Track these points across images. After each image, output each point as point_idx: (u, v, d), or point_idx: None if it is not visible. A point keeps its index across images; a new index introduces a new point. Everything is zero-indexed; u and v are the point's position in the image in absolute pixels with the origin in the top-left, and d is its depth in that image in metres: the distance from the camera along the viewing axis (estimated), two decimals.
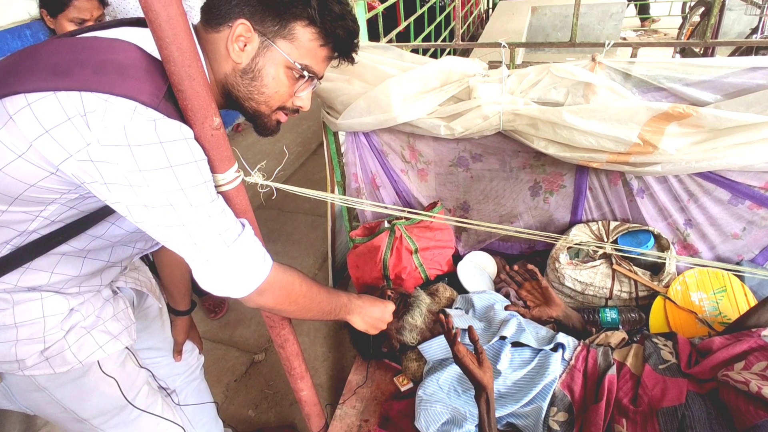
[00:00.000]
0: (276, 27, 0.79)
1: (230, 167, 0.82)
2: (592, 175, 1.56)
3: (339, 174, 1.93)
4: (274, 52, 0.80)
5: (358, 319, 1.17)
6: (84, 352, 0.89)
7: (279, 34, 0.80)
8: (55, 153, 0.64)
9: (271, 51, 0.80)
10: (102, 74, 0.65)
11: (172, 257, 1.17)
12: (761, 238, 1.49)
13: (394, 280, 1.70)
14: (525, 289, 1.43)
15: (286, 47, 0.81)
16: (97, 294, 0.95)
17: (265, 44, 0.80)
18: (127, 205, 0.68)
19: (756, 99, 1.21)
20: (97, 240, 0.84)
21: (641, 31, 6.09)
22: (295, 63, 0.82)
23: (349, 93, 1.54)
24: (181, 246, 0.73)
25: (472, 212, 1.84)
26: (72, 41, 0.70)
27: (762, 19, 2.77)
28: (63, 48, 0.68)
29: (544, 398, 1.20)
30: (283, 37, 0.80)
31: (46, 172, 0.67)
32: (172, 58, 0.68)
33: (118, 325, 0.97)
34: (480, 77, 1.42)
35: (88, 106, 0.63)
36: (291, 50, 0.81)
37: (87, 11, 1.51)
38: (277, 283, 0.86)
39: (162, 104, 0.67)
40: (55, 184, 0.69)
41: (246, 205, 0.87)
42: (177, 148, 0.67)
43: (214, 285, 0.78)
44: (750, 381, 1.01)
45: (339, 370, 1.93)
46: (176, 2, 0.66)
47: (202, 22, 0.81)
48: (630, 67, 1.31)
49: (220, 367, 2.01)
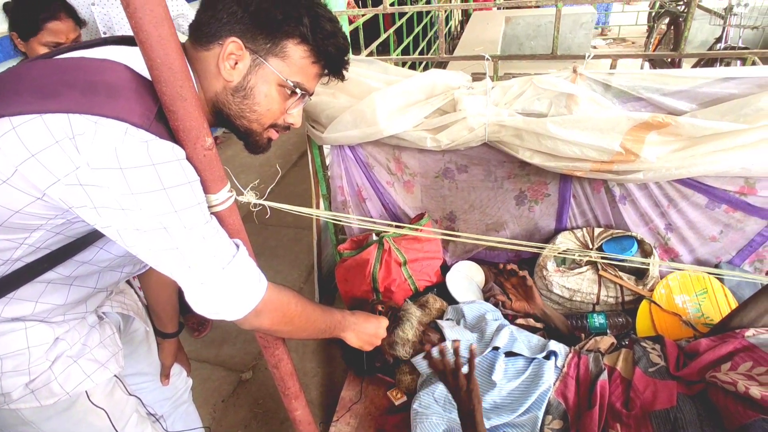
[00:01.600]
0: (268, 45, 0.79)
1: (223, 187, 0.80)
2: (575, 183, 1.59)
3: (324, 187, 1.92)
4: (266, 70, 0.80)
5: (352, 336, 1.16)
6: (71, 382, 0.85)
7: (271, 52, 0.79)
8: (41, 177, 0.62)
9: (263, 69, 0.79)
10: (90, 95, 0.63)
11: (159, 278, 1.14)
12: (737, 240, 1.54)
13: (383, 292, 1.70)
14: (511, 283, 1.53)
15: (278, 65, 0.80)
16: (83, 321, 0.92)
17: (256, 62, 0.79)
18: (118, 230, 0.66)
19: (729, 108, 1.26)
20: (85, 266, 0.81)
21: (610, 40, 6.30)
22: (288, 80, 0.82)
23: (335, 107, 1.54)
24: (174, 270, 0.71)
25: (458, 222, 1.85)
26: (57, 62, 0.68)
27: (725, 28, 2.90)
28: (48, 69, 0.66)
29: (539, 407, 1.21)
30: (275, 55, 0.80)
31: (32, 198, 0.64)
32: (163, 78, 0.66)
33: (105, 352, 0.93)
34: (464, 89, 1.44)
35: (76, 128, 0.61)
36: (283, 68, 0.81)
37: (62, 34, 1.43)
38: (273, 303, 0.84)
39: (153, 125, 0.65)
40: (41, 209, 0.66)
41: (239, 225, 0.85)
42: (170, 169, 0.65)
43: (209, 308, 0.76)
44: (737, 381, 1.04)
45: (329, 385, 1.91)
46: (167, 22, 0.64)
47: (191, 40, 0.80)
48: (610, 78, 1.35)
49: (207, 387, 1.96)
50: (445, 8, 1.63)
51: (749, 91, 1.26)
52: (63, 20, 1.44)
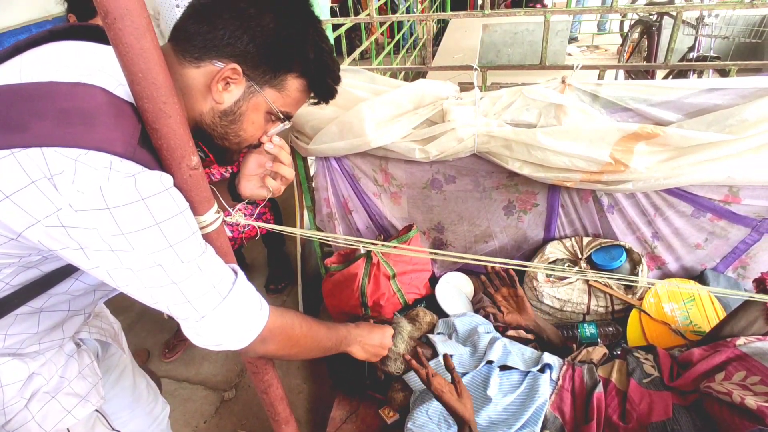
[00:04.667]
0: (267, 76, 0.75)
1: (210, 208, 0.75)
2: (564, 193, 1.59)
3: (309, 199, 1.87)
4: (259, 99, 0.76)
5: (358, 349, 1.13)
6: (50, 420, 0.79)
7: (269, 83, 0.76)
8: (18, 219, 0.56)
9: (256, 97, 0.76)
10: (64, 126, 0.56)
11: None
12: (721, 248, 1.57)
13: (372, 307, 1.66)
14: (501, 294, 1.49)
15: (272, 95, 0.77)
16: (60, 350, 0.85)
17: (251, 89, 0.75)
18: (108, 270, 0.60)
19: (715, 118, 1.28)
20: (58, 296, 0.75)
21: (584, 47, 6.44)
22: (279, 111, 0.79)
23: (320, 117, 1.50)
24: (172, 305, 0.66)
25: (447, 233, 1.83)
26: (19, 88, 0.59)
27: (697, 38, 2.98)
28: (12, 97, 0.57)
29: (536, 422, 1.19)
30: (272, 86, 0.77)
31: (5, 239, 0.58)
32: (146, 94, 0.62)
33: (84, 384, 0.87)
34: (453, 100, 1.42)
35: (53, 166, 0.54)
36: (277, 98, 0.78)
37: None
38: (278, 328, 0.80)
39: (138, 152, 0.60)
40: (14, 249, 0.60)
41: (227, 248, 0.80)
42: (161, 201, 0.60)
43: (211, 341, 0.71)
44: (732, 392, 1.04)
45: (316, 401, 1.85)
46: (150, 33, 0.60)
47: (176, 49, 0.73)
48: (598, 88, 1.35)
49: (187, 408, 1.88)
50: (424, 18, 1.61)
51: (733, 101, 1.28)
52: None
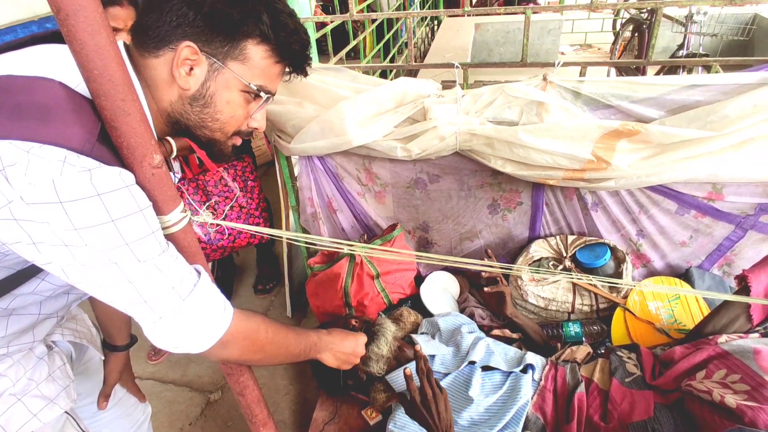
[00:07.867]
0: (226, 48, 0.73)
1: (175, 207, 0.74)
2: (548, 192, 1.58)
3: (293, 199, 1.86)
4: (226, 75, 0.74)
5: (329, 357, 1.09)
6: (14, 423, 0.77)
7: (229, 55, 0.74)
8: None
9: (222, 74, 0.74)
10: (20, 119, 0.55)
11: None
12: (706, 245, 1.56)
13: (356, 307, 1.64)
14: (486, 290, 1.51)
15: (238, 68, 0.75)
16: (29, 353, 0.83)
17: (214, 67, 0.73)
18: (61, 266, 0.59)
19: (696, 115, 1.27)
20: (24, 297, 0.73)
21: (577, 46, 6.45)
22: (250, 84, 0.76)
23: (301, 116, 1.48)
24: (128, 305, 0.64)
25: (432, 232, 1.81)
26: None
27: (686, 36, 2.98)
28: None
29: (518, 423, 1.18)
30: (234, 58, 0.74)
31: None
32: (103, 91, 0.60)
33: (54, 387, 0.85)
34: (435, 98, 1.41)
35: (6, 158, 0.53)
36: (244, 71, 0.75)
37: (121, 20, 1.36)
38: (241, 332, 0.78)
39: (96, 149, 0.58)
40: None
41: (195, 248, 0.79)
42: (118, 198, 0.58)
43: (168, 342, 0.69)
44: (712, 390, 1.03)
45: (302, 403, 1.84)
46: (105, 29, 0.58)
47: (136, 45, 0.73)
48: (579, 85, 1.34)
49: (172, 410, 1.86)
50: (412, 15, 1.60)
51: (714, 98, 1.27)
52: (124, 6, 1.38)
